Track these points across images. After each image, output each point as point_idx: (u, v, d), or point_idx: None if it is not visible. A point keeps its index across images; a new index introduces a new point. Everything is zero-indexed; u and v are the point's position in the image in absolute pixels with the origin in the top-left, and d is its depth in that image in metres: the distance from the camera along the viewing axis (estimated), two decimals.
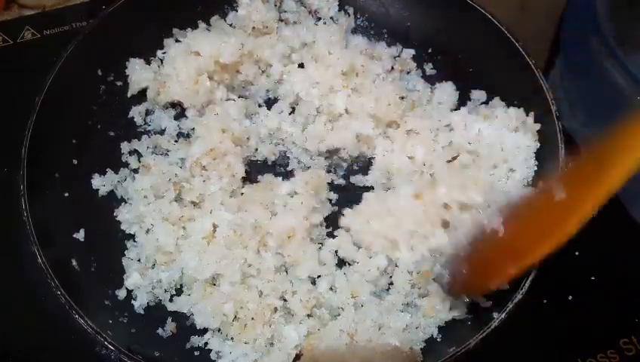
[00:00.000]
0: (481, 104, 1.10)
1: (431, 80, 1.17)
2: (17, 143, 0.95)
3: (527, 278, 0.87)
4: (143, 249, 0.98)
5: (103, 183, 1.04)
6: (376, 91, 1.08)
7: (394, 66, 1.17)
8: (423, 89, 1.15)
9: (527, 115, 1.04)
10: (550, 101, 0.99)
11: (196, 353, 0.92)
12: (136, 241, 1.00)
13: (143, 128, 1.12)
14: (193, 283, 0.95)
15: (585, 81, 1.35)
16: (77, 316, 0.84)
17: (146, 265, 0.97)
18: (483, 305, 0.92)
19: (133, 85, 1.12)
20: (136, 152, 1.09)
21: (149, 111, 1.14)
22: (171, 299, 0.96)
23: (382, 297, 0.96)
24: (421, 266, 0.95)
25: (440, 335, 0.92)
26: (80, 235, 0.98)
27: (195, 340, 0.93)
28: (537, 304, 1.01)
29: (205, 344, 0.93)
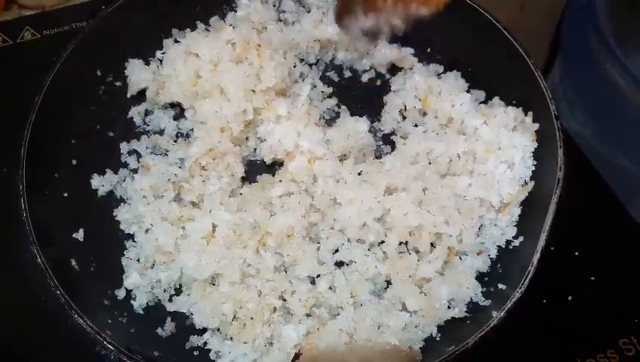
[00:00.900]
0: (480, 103, 1.10)
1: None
2: (17, 143, 0.95)
3: (526, 277, 0.87)
4: (143, 249, 0.98)
5: (103, 183, 1.04)
6: None
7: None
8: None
9: (525, 115, 1.04)
10: (549, 101, 0.99)
11: (195, 353, 0.92)
12: (135, 241, 1.00)
13: (143, 128, 1.13)
14: (192, 283, 0.95)
15: (584, 81, 1.35)
16: (76, 316, 0.84)
17: (146, 265, 0.97)
18: (482, 304, 0.92)
19: (132, 86, 1.12)
20: (135, 152, 1.09)
21: (149, 111, 1.14)
22: (170, 299, 0.96)
23: (381, 296, 0.96)
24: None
25: (439, 334, 0.92)
26: (79, 235, 0.98)
27: (195, 340, 0.93)
28: (537, 304, 1.00)
29: (205, 344, 0.93)
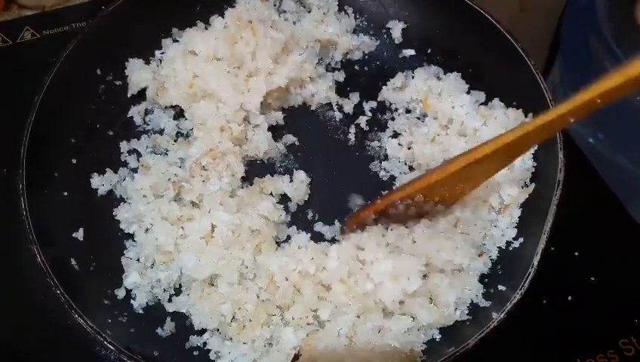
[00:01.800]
0: (480, 105, 1.10)
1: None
2: (17, 143, 0.95)
3: (526, 278, 0.87)
4: (142, 248, 0.98)
5: (102, 183, 1.04)
6: None
7: None
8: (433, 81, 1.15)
9: (525, 116, 1.03)
10: (549, 101, 0.99)
11: (195, 353, 0.92)
12: (135, 241, 1.00)
13: (143, 128, 1.12)
14: (192, 283, 0.95)
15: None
16: (76, 315, 0.84)
17: (145, 265, 0.97)
18: (482, 305, 0.92)
19: (132, 85, 1.12)
20: (135, 152, 1.09)
21: (149, 110, 1.14)
22: (170, 299, 0.96)
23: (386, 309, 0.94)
24: None
25: (440, 335, 0.92)
26: (79, 235, 0.98)
27: (194, 340, 0.93)
28: (537, 304, 1.01)
29: (204, 344, 0.93)
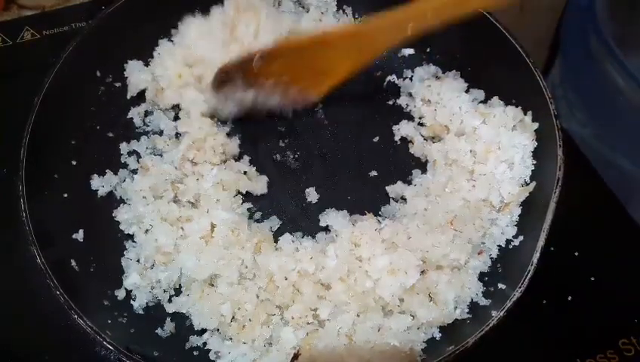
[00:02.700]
0: (479, 103, 1.10)
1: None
2: (17, 143, 0.95)
3: (526, 276, 0.87)
4: (142, 249, 0.98)
5: (102, 184, 1.04)
6: None
7: None
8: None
9: (525, 114, 1.04)
10: (549, 100, 0.99)
11: (195, 353, 0.92)
12: (135, 242, 1.00)
13: (142, 129, 1.12)
14: (191, 283, 0.95)
15: (584, 81, 1.35)
16: (76, 316, 0.84)
17: (145, 265, 0.97)
18: (482, 303, 0.92)
19: (131, 87, 1.12)
20: (135, 153, 1.09)
21: (148, 112, 1.14)
22: (170, 300, 0.96)
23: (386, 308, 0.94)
24: None
25: (440, 334, 0.92)
26: (79, 236, 0.98)
27: (194, 340, 0.93)
28: (537, 304, 1.01)
29: (204, 344, 0.92)
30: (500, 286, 0.92)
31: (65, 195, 1.01)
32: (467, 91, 1.11)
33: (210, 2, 1.15)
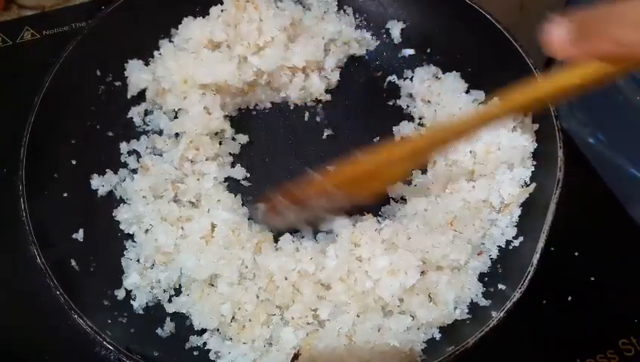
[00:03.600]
0: (479, 104, 1.10)
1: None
2: (16, 143, 0.95)
3: (526, 277, 0.87)
4: (142, 249, 0.98)
5: (102, 183, 1.04)
6: None
7: None
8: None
9: (525, 115, 1.03)
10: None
11: (195, 353, 0.92)
12: (135, 241, 1.00)
13: (142, 128, 1.12)
14: (191, 283, 0.95)
15: None
16: (76, 316, 0.84)
17: (145, 265, 0.97)
18: (482, 304, 0.92)
19: (132, 87, 1.12)
20: (135, 153, 1.09)
21: (148, 111, 1.14)
22: (170, 300, 0.96)
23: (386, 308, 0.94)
24: None
25: (439, 334, 0.92)
26: (79, 235, 0.98)
27: (194, 340, 0.93)
28: (537, 304, 1.01)
29: (204, 344, 0.93)
30: (500, 286, 0.92)
31: (65, 195, 1.00)
32: (467, 92, 1.11)
33: (210, 2, 1.15)
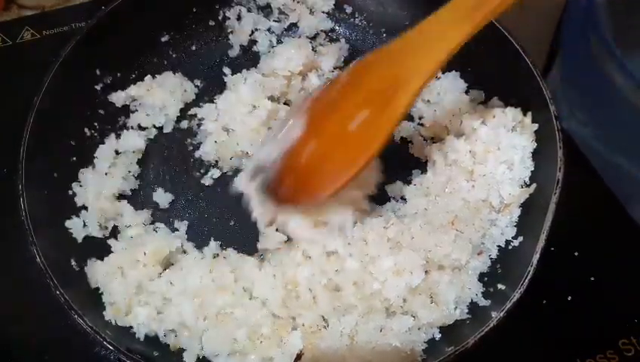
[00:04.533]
0: (479, 104, 1.10)
1: None
2: (16, 143, 0.95)
3: (525, 277, 0.87)
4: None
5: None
6: None
7: None
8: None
9: (524, 115, 1.03)
10: (548, 101, 0.99)
11: None
12: None
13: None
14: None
15: (584, 81, 1.35)
16: (76, 316, 0.84)
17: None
18: (481, 304, 0.92)
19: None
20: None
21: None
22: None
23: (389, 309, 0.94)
24: None
25: (440, 334, 0.92)
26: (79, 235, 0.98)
27: None
28: (537, 304, 1.01)
29: None
30: (500, 286, 0.92)
31: (65, 195, 1.00)
32: (467, 92, 1.11)
33: (209, 2, 1.16)
